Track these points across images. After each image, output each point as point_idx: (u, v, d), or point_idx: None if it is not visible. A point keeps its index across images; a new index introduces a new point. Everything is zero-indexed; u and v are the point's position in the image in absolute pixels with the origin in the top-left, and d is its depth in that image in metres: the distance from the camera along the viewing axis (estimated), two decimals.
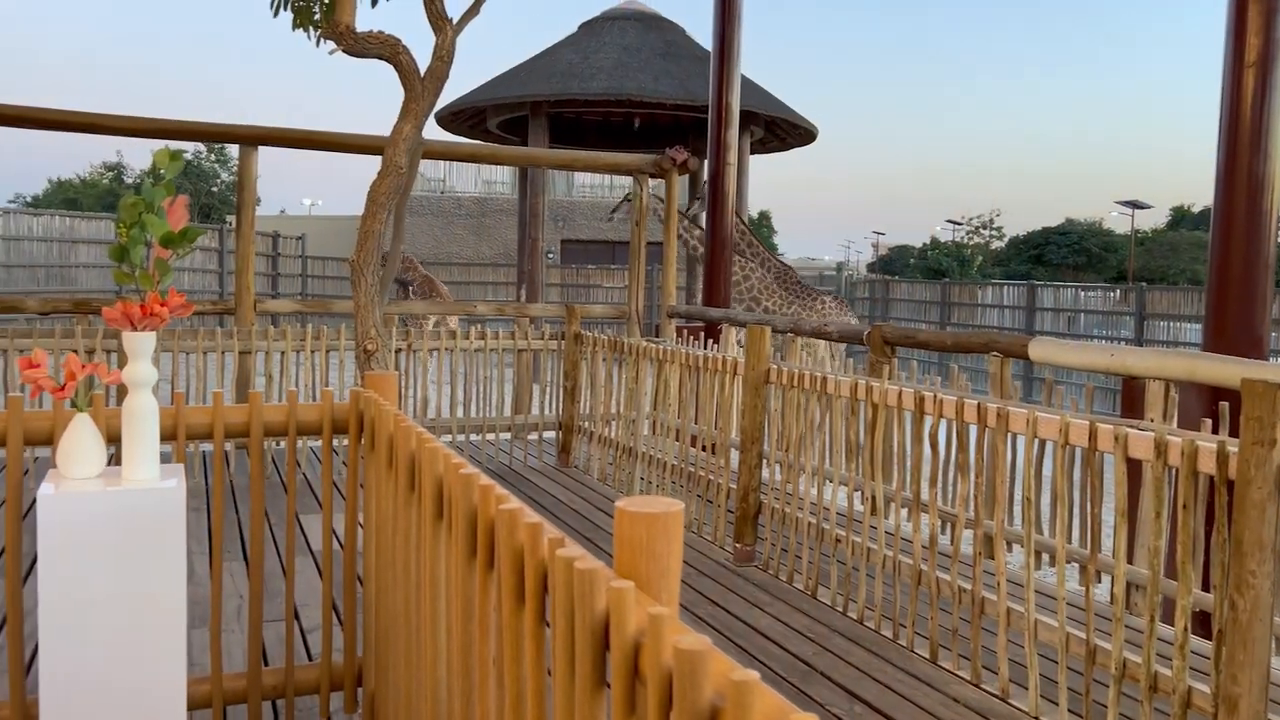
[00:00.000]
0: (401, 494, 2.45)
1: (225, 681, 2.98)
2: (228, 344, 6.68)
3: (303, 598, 4.27)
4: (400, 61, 5.11)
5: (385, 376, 3.06)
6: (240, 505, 5.83)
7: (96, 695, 2.36)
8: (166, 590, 2.42)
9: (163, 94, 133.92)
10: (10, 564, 2.74)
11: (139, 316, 2.46)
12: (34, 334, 6.31)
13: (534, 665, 1.53)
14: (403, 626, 2.45)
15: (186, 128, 7.43)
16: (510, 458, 7.60)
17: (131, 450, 2.47)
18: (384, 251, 5.33)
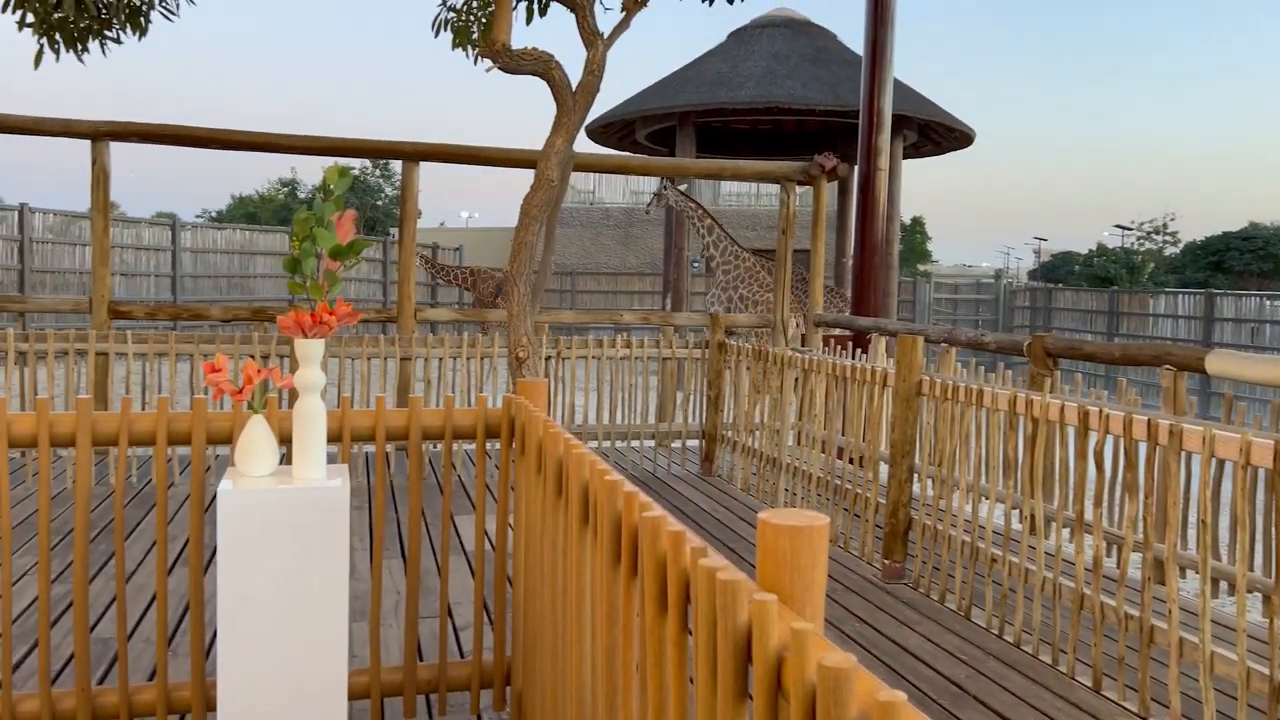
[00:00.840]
0: (549, 498, 2.51)
1: (383, 674, 3.11)
2: (390, 351, 7.00)
3: (456, 595, 4.43)
4: (553, 77, 5.25)
5: (536, 383, 3.14)
6: (399, 505, 6.09)
7: (267, 680, 2.52)
8: (330, 584, 2.56)
9: (334, 114, 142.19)
10: (193, 555, 2.95)
11: (309, 324, 2.61)
12: (216, 340, 6.78)
13: (677, 673, 1.54)
14: (549, 628, 2.50)
15: (354, 145, 7.85)
16: (654, 465, 7.66)
17: (301, 450, 2.63)
18: (536, 262, 5.47)
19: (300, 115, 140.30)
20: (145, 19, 4.91)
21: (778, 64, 17.67)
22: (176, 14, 5.01)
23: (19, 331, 6.47)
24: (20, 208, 18.11)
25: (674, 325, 8.94)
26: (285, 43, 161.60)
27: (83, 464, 2.85)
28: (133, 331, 6.68)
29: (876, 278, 9.65)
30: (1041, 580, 4.01)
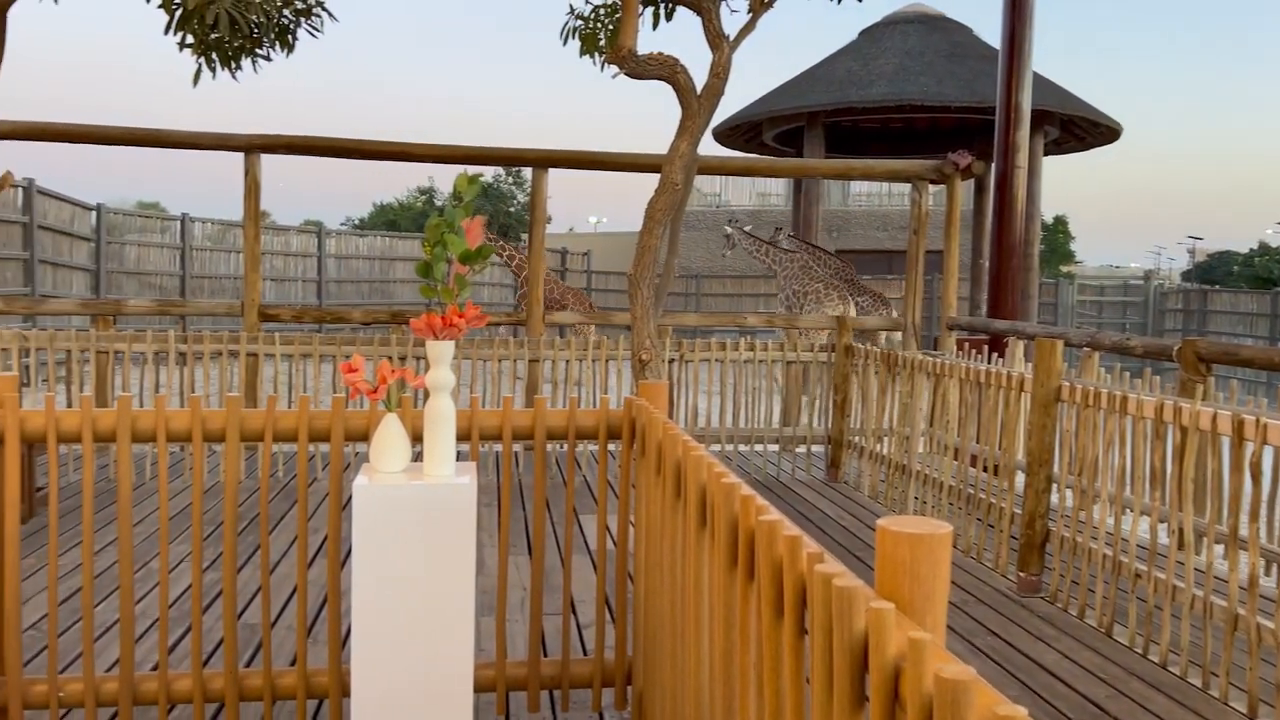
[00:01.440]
0: (668, 499, 2.52)
1: (508, 668, 3.19)
2: (518, 353, 7.17)
3: (579, 593, 4.49)
4: (678, 81, 5.27)
5: (657, 385, 3.16)
6: (525, 503, 6.23)
7: (398, 669, 2.61)
8: (458, 578, 2.63)
9: (468, 123, 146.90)
10: (332, 547, 3.09)
11: (440, 327, 2.70)
12: (356, 342, 7.09)
13: (793, 677, 1.52)
14: (668, 628, 2.51)
15: (486, 153, 8.07)
16: (778, 470, 7.59)
17: (432, 448, 2.71)
18: (660, 265, 5.50)
19: (436, 125, 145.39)
20: (293, 36, 5.18)
21: (911, 61, 17.25)
22: (321, 31, 5.27)
23: (179, 333, 6.92)
24: (182, 218, 19.36)
25: (799, 328, 8.83)
26: (421, 55, 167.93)
27: (231, 458, 3.03)
28: (280, 334, 7.05)
29: (1014, 279, 9.29)
30: (1191, 598, 3.78)
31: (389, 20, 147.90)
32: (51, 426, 2.97)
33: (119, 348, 6.81)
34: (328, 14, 5.26)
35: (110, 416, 2.99)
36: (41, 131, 7.37)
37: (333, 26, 5.39)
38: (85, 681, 2.98)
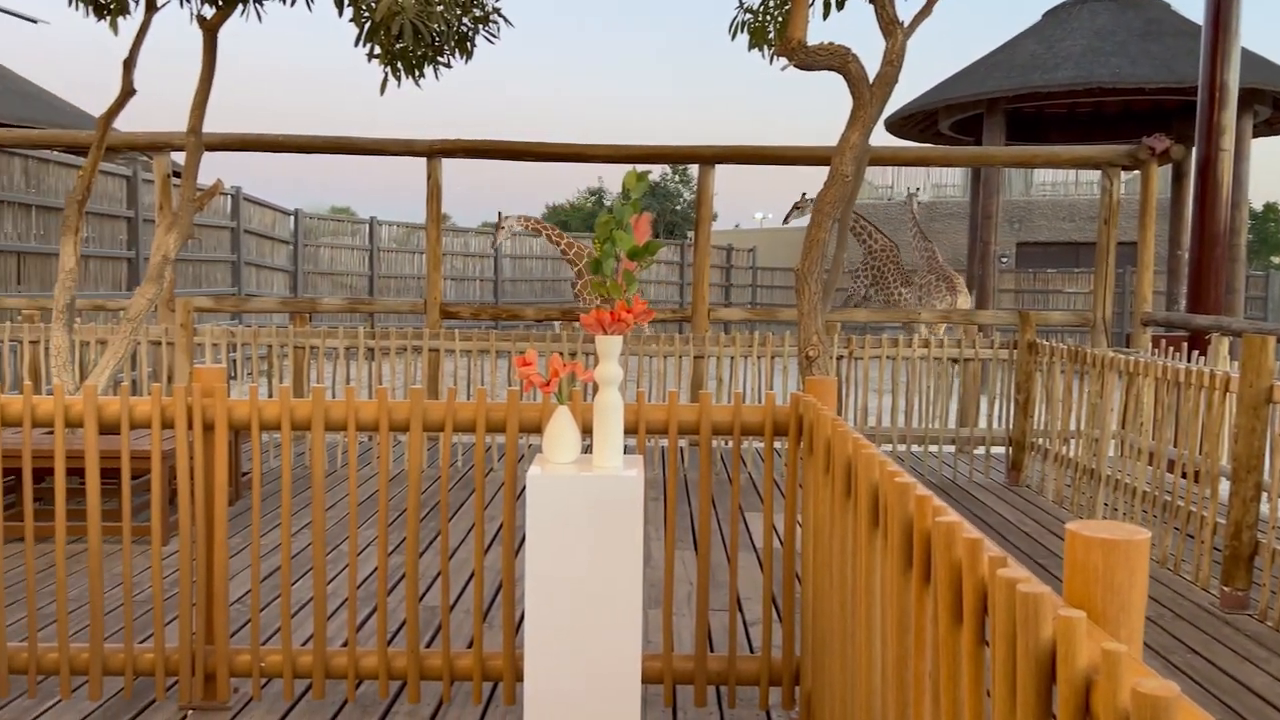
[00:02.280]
0: (838, 498, 2.46)
1: (675, 661, 3.20)
2: (684, 349, 7.20)
3: (745, 590, 4.47)
4: (850, 70, 5.15)
5: (825, 382, 3.10)
6: (689, 498, 6.25)
7: (569, 656, 2.67)
8: (626, 569, 2.67)
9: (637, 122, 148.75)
10: (506, 535, 3.19)
11: (609, 322, 2.74)
12: (530, 338, 7.30)
13: (972, 686, 1.45)
14: (838, 630, 2.46)
15: (654, 152, 8.14)
16: (954, 472, 7.30)
17: (601, 440, 2.76)
18: (828, 260, 5.40)
19: (600, 124, 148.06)
20: (471, 43, 5.38)
21: (1100, 41, 16.22)
22: (498, 37, 5.46)
23: (368, 330, 7.33)
24: (370, 221, 20.51)
25: (978, 324, 8.47)
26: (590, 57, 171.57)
27: (414, 447, 3.17)
28: (459, 330, 7.35)
29: (1217, 271, 8.59)
30: None
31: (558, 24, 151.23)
32: (255, 415, 3.20)
33: (314, 343, 7.28)
34: (504, 20, 5.45)
35: (306, 406, 3.20)
36: (247, 142, 7.97)
37: (507, 30, 5.58)
38: (284, 654, 3.20)
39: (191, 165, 5.81)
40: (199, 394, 3.19)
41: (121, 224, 13.38)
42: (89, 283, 12.21)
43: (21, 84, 16.43)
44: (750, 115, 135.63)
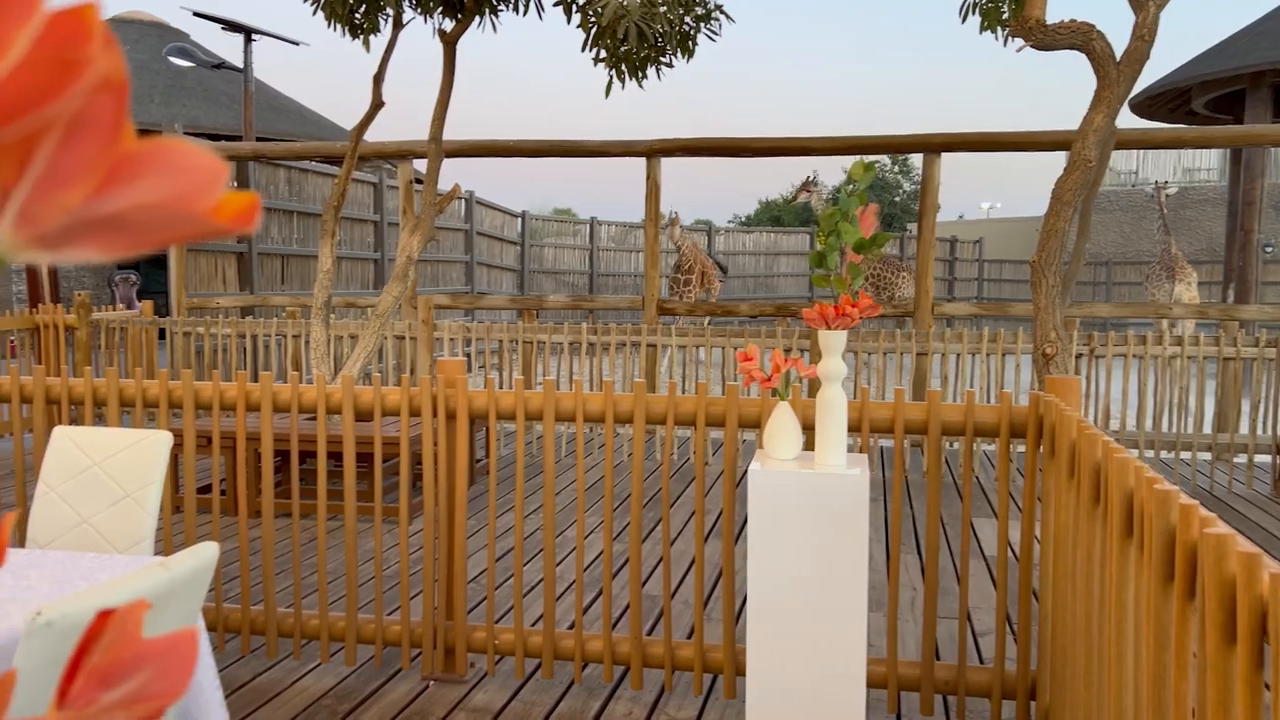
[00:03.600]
0: (1084, 506, 2.31)
1: (899, 667, 3.11)
2: (905, 345, 6.97)
3: (974, 600, 4.27)
4: (1093, 48, 4.81)
5: (1068, 381, 2.91)
6: (911, 499, 6.05)
7: (791, 653, 2.65)
8: (850, 570, 2.62)
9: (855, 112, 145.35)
10: (726, 528, 3.21)
11: (832, 316, 2.70)
12: (745, 334, 7.30)
13: (1247, 714, 1.32)
14: (1082, 645, 2.30)
15: (876, 142, 7.93)
16: (1210, 481, 6.67)
17: (823, 437, 2.72)
18: (1068, 251, 5.07)
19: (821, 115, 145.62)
20: (693, 42, 5.45)
21: None
22: (719, 34, 5.49)
23: (590, 326, 7.58)
24: (590, 221, 21.19)
25: (1239, 320, 7.70)
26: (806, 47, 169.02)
27: (638, 438, 3.25)
28: (675, 326, 7.46)
29: None
30: None
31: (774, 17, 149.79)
32: (491, 405, 3.39)
33: (541, 338, 7.61)
34: (725, 16, 5.47)
35: (538, 398, 3.35)
36: (482, 148, 8.43)
37: (727, 26, 5.60)
38: (516, 633, 3.37)
39: (433, 171, 6.22)
40: (442, 385, 3.41)
41: (369, 227, 14.51)
42: (341, 282, 13.33)
43: (284, 101, 18.16)
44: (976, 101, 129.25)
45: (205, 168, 0.30)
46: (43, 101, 0.23)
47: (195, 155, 0.30)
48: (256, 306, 10.56)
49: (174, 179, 0.30)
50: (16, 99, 0.22)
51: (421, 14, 5.74)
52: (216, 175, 0.31)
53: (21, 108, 0.23)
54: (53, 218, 0.28)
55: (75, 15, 0.23)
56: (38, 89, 0.23)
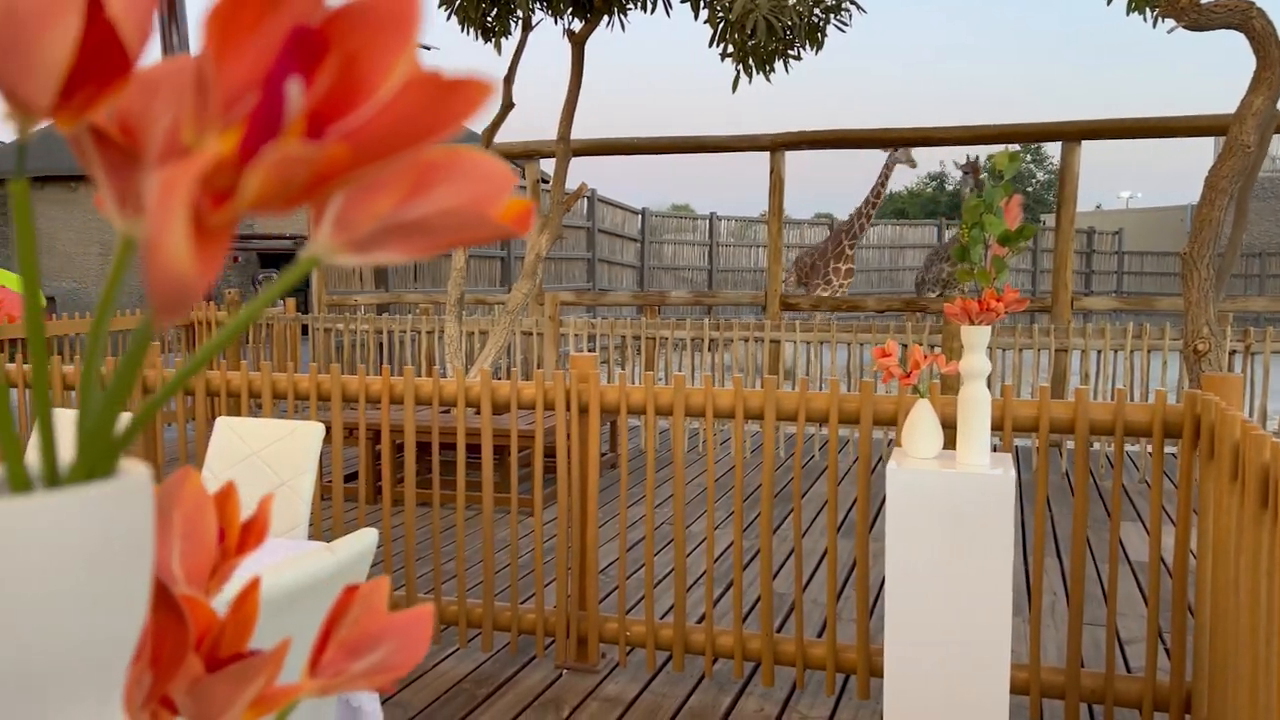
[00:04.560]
0: (1249, 511, 2.18)
1: (1042, 673, 3.01)
2: (1043, 341, 6.72)
3: (1120, 606, 4.10)
4: (1251, 27, 4.53)
5: (1228, 379, 2.76)
6: (1049, 500, 5.82)
7: (931, 658, 2.60)
8: (993, 573, 2.55)
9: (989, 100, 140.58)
10: (860, 530, 3.17)
11: (976, 311, 2.63)
12: (872, 329, 7.17)
13: None
14: (1247, 657, 2.18)
15: (1011, 130, 7.67)
16: None
17: (965, 436, 2.65)
18: (1222, 242, 4.80)
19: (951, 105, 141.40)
20: (822, 34, 5.38)
21: None
22: (849, 25, 5.41)
23: (712, 322, 7.58)
24: (710, 217, 21.16)
25: None
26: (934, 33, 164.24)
27: (769, 435, 3.24)
28: (800, 321, 7.39)
29: None
30: None
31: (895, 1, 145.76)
32: (623, 400, 3.43)
33: (664, 334, 7.65)
34: (856, 6, 5.38)
35: (668, 393, 3.37)
36: (607, 146, 8.52)
37: (857, 16, 5.51)
38: (647, 626, 3.40)
39: (561, 170, 6.32)
40: (575, 379, 3.47)
41: None
42: (470, 279, 13.71)
43: None
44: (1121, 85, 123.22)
45: (498, 174, 0.33)
46: (418, 140, 0.25)
47: (489, 163, 0.32)
48: (391, 304, 10.97)
49: (471, 185, 0.32)
50: (393, 133, 0.25)
51: (551, 15, 5.85)
52: (506, 181, 0.33)
53: (400, 142, 0.25)
54: (366, 224, 0.31)
55: (478, 85, 0.25)
56: (416, 129, 0.25)
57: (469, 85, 0.24)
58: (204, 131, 0.24)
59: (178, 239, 0.21)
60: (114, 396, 0.29)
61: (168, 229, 0.21)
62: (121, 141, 0.32)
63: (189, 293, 0.22)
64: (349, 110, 0.25)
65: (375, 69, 0.24)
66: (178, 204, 0.21)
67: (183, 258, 0.21)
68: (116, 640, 0.30)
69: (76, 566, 0.28)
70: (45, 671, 0.28)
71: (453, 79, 0.24)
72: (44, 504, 0.27)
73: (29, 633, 0.27)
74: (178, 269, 0.22)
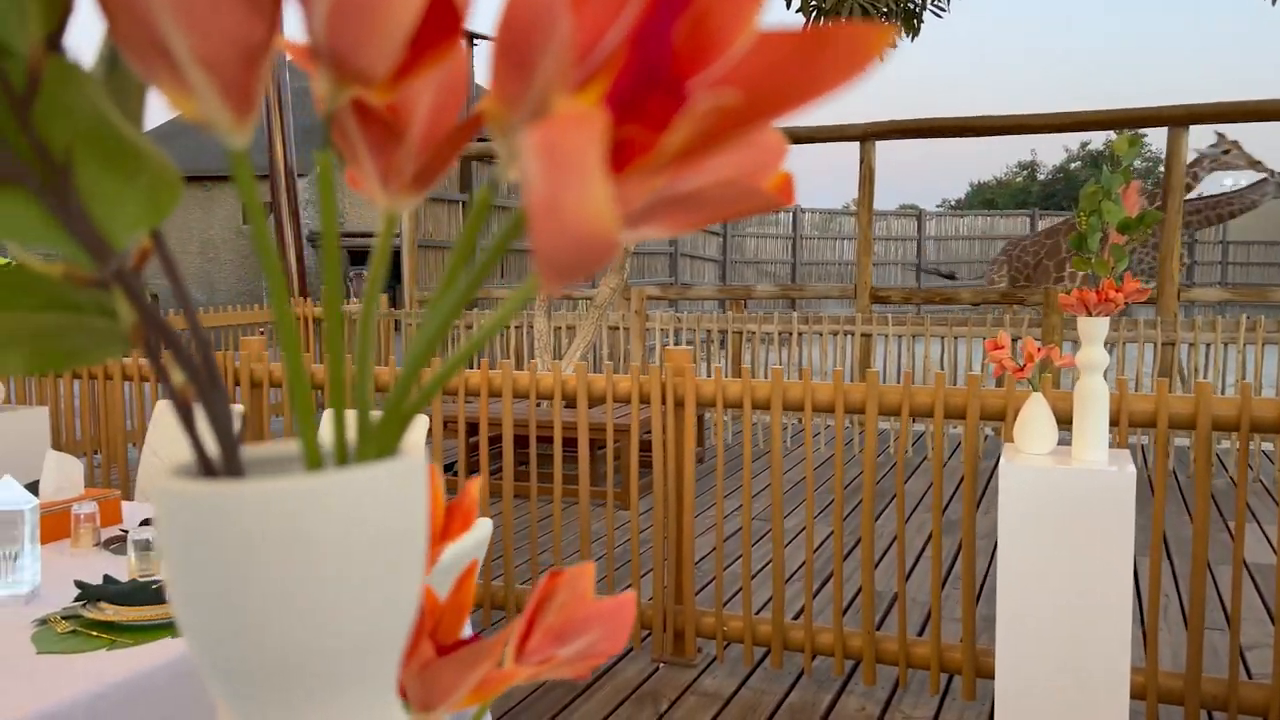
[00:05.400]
0: None
1: (1160, 678, 2.90)
2: (1149, 334, 6.47)
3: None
4: None
5: None
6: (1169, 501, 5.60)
7: (1045, 660, 2.51)
8: (1114, 574, 2.45)
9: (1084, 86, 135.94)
10: (966, 529, 3.09)
11: (1094, 301, 2.53)
12: (967, 322, 7.00)
13: None
14: None
15: (1110, 117, 7.39)
16: None
17: (1083, 432, 2.56)
18: None
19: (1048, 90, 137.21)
20: (918, 19, 5.26)
21: None
22: (946, 9, 5.27)
23: (800, 315, 7.49)
24: (794, 209, 20.95)
25: None
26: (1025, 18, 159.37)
27: (870, 429, 3.18)
28: (892, 315, 7.25)
29: None
30: None
31: None
32: (719, 394, 3.41)
33: (750, 328, 7.59)
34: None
35: (766, 387, 3.34)
36: None
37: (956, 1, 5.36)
38: (745, 621, 3.38)
39: None
40: (670, 373, 3.46)
41: None
42: None
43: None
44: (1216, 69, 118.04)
45: (774, 143, 0.31)
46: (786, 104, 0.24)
47: (765, 131, 0.30)
48: (480, 299, 11.13)
49: (744, 155, 0.30)
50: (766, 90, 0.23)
51: None
52: (780, 151, 0.31)
53: (772, 102, 0.23)
54: (642, 197, 0.30)
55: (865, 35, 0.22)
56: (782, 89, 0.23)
57: (851, 36, 0.22)
58: (564, 88, 0.23)
59: (595, 195, 0.20)
60: (411, 372, 0.28)
61: (580, 185, 0.20)
62: (388, 118, 0.31)
63: (604, 252, 0.21)
64: (704, 67, 0.23)
65: (729, 24, 0.22)
66: (590, 158, 0.20)
67: (603, 215, 0.20)
68: (397, 626, 0.29)
69: (368, 546, 0.27)
70: (337, 656, 0.27)
71: (823, 33, 0.22)
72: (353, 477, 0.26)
73: (322, 617, 0.27)
74: (593, 228, 0.20)
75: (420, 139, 0.31)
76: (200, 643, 0.27)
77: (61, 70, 0.23)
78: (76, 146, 0.24)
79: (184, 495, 0.26)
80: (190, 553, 0.25)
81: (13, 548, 2.08)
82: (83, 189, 0.25)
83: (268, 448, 0.33)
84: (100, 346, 0.27)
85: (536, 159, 0.20)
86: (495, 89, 0.26)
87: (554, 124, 0.20)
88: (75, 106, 0.24)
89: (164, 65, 0.23)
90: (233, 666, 0.27)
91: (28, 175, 0.24)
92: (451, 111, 0.32)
